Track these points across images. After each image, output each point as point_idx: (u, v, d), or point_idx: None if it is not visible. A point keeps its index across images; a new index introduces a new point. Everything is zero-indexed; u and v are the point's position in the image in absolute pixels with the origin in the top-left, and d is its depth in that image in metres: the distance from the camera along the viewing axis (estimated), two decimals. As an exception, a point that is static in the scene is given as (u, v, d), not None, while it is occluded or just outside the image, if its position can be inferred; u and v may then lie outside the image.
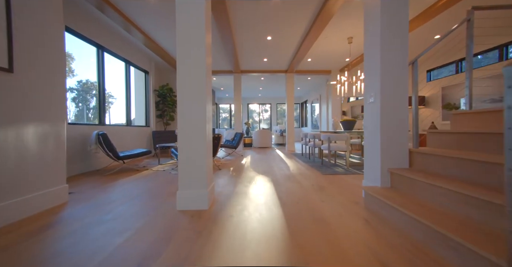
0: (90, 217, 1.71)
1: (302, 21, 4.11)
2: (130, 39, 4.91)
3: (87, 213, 1.81)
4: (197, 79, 1.90)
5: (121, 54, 4.73)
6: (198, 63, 1.89)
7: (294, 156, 5.76)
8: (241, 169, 3.83)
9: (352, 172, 3.44)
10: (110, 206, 1.96)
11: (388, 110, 1.93)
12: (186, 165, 1.89)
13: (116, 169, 3.58)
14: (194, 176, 1.90)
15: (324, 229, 1.48)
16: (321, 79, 8.67)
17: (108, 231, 1.48)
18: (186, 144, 1.89)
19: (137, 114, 5.87)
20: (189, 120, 1.90)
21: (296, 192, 2.37)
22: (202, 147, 1.90)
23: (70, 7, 3.39)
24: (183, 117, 1.90)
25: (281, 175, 3.32)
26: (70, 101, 4.03)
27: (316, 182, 2.85)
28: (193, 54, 1.89)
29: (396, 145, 1.93)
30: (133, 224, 1.59)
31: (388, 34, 1.91)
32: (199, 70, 1.89)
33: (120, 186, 2.68)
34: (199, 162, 1.89)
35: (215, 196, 2.24)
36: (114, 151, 3.45)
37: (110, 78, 4.88)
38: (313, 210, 1.83)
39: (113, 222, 1.62)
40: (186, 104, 1.90)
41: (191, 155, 1.89)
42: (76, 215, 1.76)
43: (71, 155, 3.35)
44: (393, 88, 1.93)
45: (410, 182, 1.74)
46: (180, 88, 1.90)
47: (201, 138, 1.90)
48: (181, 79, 1.89)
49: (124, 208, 1.91)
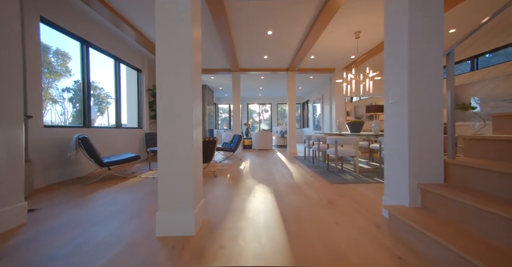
0: (42, 249, 1.35)
1: (305, 14, 3.74)
2: (120, 35, 4.55)
3: (42, 241, 1.44)
4: (181, 79, 1.53)
5: (110, 50, 4.37)
6: (182, 61, 1.52)
7: (296, 159, 5.38)
8: (239, 176, 3.46)
9: (363, 180, 3.07)
10: (75, 231, 1.59)
11: (419, 112, 1.56)
12: (167, 180, 1.53)
13: (100, 177, 3.21)
14: (178, 194, 1.53)
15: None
16: (324, 78, 8.29)
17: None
18: (167, 154, 1.52)
19: (129, 115, 5.50)
20: (171, 126, 1.53)
21: (303, 209, 2.00)
22: (188, 157, 1.53)
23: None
24: (164, 121, 1.53)
25: (284, 184, 2.95)
26: (68, 101, 3.81)
27: (324, 194, 2.48)
28: (176, 50, 1.52)
29: (429, 155, 1.56)
30: (94, 261, 1.22)
31: (419, 14, 1.54)
32: (184, 69, 1.53)
33: (98, 199, 2.31)
34: (185, 176, 1.53)
35: (206, 215, 1.87)
36: (96, 157, 3.08)
37: (98, 77, 4.55)
38: (326, 237, 1.46)
39: (69, 258, 1.25)
40: (167, 107, 1.53)
41: (174, 167, 1.53)
42: (24, 246, 1.39)
43: (48, 161, 2.98)
44: (426, 84, 1.56)
45: (448, 202, 1.38)
46: (160, 88, 1.53)
47: (187, 146, 1.53)
48: (161, 78, 1.53)
49: (91, 233, 1.54)
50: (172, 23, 1.52)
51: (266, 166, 4.39)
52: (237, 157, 5.94)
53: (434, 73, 1.56)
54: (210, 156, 3.50)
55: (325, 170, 3.87)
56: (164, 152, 1.53)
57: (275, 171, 3.87)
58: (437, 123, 1.56)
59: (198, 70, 1.71)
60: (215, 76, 8.06)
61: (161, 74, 1.53)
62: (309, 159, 5.29)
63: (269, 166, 4.39)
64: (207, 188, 2.76)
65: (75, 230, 1.60)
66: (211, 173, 3.72)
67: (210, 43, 4.94)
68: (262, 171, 3.91)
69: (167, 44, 1.53)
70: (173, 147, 1.53)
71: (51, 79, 3.62)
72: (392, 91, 1.73)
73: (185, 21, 1.52)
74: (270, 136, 8.02)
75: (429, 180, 1.56)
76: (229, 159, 5.57)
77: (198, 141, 1.71)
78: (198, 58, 1.70)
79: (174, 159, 1.53)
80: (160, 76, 1.53)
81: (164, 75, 1.53)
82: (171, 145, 1.53)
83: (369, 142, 4.80)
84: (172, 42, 1.53)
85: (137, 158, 3.51)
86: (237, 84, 7.02)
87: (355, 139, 3.43)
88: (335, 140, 3.51)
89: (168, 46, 1.53)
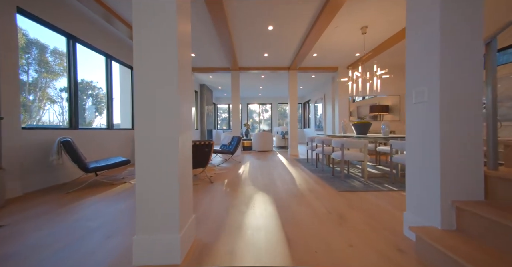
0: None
1: (309, 8, 3.47)
2: (112, 31, 4.28)
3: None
4: (164, 76, 1.26)
5: (100, 47, 4.10)
6: (166, 57, 1.26)
7: (298, 162, 5.11)
8: (237, 182, 3.19)
9: (373, 188, 2.80)
10: (36, 257, 1.32)
11: (453, 113, 1.29)
12: (146, 196, 1.26)
13: (85, 183, 2.94)
14: (160, 214, 1.26)
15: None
16: (326, 77, 8.02)
17: None
18: (146, 164, 1.25)
19: (122, 116, 5.23)
20: (150, 129, 1.26)
21: (309, 225, 1.73)
22: (172, 167, 1.26)
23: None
24: (142, 124, 1.26)
25: (286, 192, 2.68)
26: (65, 101, 3.66)
27: (332, 204, 2.20)
28: (156, 46, 1.25)
29: (466, 165, 1.29)
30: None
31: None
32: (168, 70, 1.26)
33: (78, 211, 2.04)
34: (168, 191, 1.26)
35: (197, 233, 1.60)
36: (81, 162, 2.81)
37: (98, 76, 4.31)
38: (340, 266, 1.19)
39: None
40: (146, 107, 1.26)
41: (155, 181, 1.26)
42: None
43: (27, 167, 2.72)
44: (462, 81, 1.29)
45: (491, 225, 1.11)
46: (138, 87, 1.26)
47: (171, 154, 1.26)
48: (140, 77, 1.26)
49: (55, 261, 1.27)
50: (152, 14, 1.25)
51: (266, 170, 4.12)
52: (236, 159, 5.67)
53: (472, 67, 1.29)
54: (206, 161, 3.23)
55: (330, 175, 3.60)
56: (142, 161, 1.25)
57: (276, 176, 3.60)
58: (476, 126, 1.29)
59: (184, 68, 1.44)
60: (214, 75, 7.80)
61: (139, 71, 1.26)
62: (312, 161, 5.02)
63: (269, 170, 4.12)
64: (201, 196, 2.49)
65: (38, 256, 1.32)
66: (207, 178, 3.45)
67: (207, 39, 4.67)
68: (262, 175, 3.64)
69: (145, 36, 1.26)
70: (153, 155, 1.25)
71: (49, 79, 3.51)
72: (416, 90, 1.46)
73: (169, 12, 1.25)
74: (270, 137, 7.75)
75: (466, 197, 1.29)
76: (227, 161, 5.30)
77: (186, 147, 1.44)
78: (186, 54, 1.43)
79: (154, 170, 1.26)
80: (138, 73, 1.26)
81: (142, 72, 1.26)
82: (151, 152, 1.25)
83: (376, 144, 4.53)
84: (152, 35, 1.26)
85: (128, 162, 3.24)
86: (236, 84, 6.75)
87: (363, 142, 3.16)
88: (341, 142, 3.24)
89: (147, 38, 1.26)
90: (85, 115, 4.40)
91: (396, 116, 6.95)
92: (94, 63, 4.28)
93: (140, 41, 1.25)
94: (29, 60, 3.28)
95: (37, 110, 3.52)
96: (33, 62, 3.34)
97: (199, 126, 8.85)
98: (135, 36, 1.26)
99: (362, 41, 4.54)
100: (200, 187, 2.93)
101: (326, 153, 4.02)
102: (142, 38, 1.25)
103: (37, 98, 3.48)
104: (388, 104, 7.04)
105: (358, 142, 3.16)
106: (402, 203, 2.23)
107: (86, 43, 3.76)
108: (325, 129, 8.72)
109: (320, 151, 4.17)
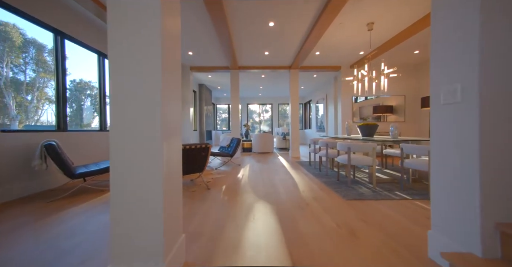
0: None
1: (312, 3, 3.24)
2: (104, 28, 4.06)
3: None
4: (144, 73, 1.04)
5: (92, 44, 3.87)
6: (145, 49, 1.03)
7: (301, 165, 4.88)
8: (236, 189, 2.96)
9: (383, 195, 2.57)
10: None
11: (498, 117, 1.06)
12: (121, 216, 1.03)
13: (72, 190, 2.71)
14: (139, 239, 1.03)
15: None
16: (328, 76, 7.80)
17: None
18: (121, 178, 1.03)
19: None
20: (128, 136, 1.04)
21: (317, 243, 1.50)
22: (155, 181, 1.03)
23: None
24: (117, 130, 1.04)
25: (289, 201, 2.46)
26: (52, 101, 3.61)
27: (341, 217, 1.98)
28: (135, 45, 1.03)
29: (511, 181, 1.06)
30: None
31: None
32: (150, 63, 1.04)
33: (56, 226, 1.82)
34: (150, 210, 1.03)
35: (188, 255, 1.37)
36: (67, 167, 2.59)
37: (88, 74, 4.11)
38: (362, 307, 0.97)
39: None
40: (122, 109, 1.04)
41: (132, 198, 1.03)
42: None
43: (6, 173, 2.49)
44: (509, 76, 1.07)
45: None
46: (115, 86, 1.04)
47: (152, 165, 1.03)
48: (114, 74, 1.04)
49: (13, 296, 1.05)
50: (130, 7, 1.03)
51: (267, 174, 3.90)
52: (235, 162, 5.44)
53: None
54: (202, 165, 3.01)
55: (335, 180, 3.37)
56: (118, 171, 1.03)
57: (277, 181, 3.37)
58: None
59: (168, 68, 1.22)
60: (213, 75, 7.57)
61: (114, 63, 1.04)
62: (314, 165, 4.80)
63: (270, 175, 3.89)
64: (197, 205, 2.27)
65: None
66: (204, 184, 3.22)
67: (205, 36, 4.45)
68: (262, 181, 3.42)
69: (121, 17, 1.03)
70: (130, 165, 1.03)
71: (47, 78, 3.44)
72: (445, 88, 1.24)
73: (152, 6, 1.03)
74: (271, 138, 7.53)
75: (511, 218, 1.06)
76: (226, 164, 5.07)
77: (173, 154, 1.21)
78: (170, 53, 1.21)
79: (132, 183, 1.03)
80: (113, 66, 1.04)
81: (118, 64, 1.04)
82: (127, 163, 1.03)
83: (382, 146, 4.31)
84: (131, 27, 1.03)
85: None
86: (235, 83, 6.52)
87: (371, 145, 2.93)
88: (347, 146, 3.01)
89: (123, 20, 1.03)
90: (83, 116, 4.26)
91: (400, 117, 6.72)
92: (93, 62, 4.12)
93: (114, 22, 1.03)
94: (27, 59, 3.24)
95: (35, 110, 3.48)
96: (30, 61, 3.28)
97: (197, 127, 8.62)
98: (108, 15, 1.04)
99: (367, 38, 4.32)
100: (196, 194, 2.71)
101: (330, 156, 3.79)
102: (117, 19, 1.03)
103: (34, 98, 3.43)
104: (392, 105, 6.82)
105: (366, 146, 2.94)
106: (418, 214, 2.01)
107: (75, 39, 3.54)
108: (327, 131, 8.49)
109: (323, 154, 3.94)
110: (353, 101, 6.76)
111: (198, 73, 7.30)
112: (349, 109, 6.52)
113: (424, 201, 2.39)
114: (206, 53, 5.40)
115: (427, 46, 4.88)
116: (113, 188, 1.03)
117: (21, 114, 3.18)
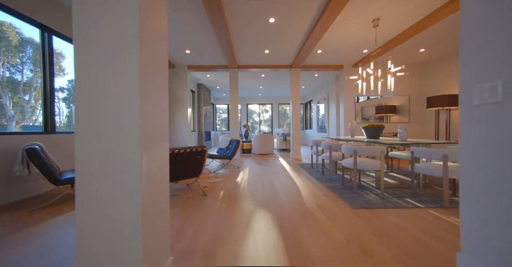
0: None
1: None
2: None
3: None
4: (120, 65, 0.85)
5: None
6: (121, 51, 0.84)
7: (302, 168, 4.69)
8: (234, 195, 2.77)
9: (392, 203, 2.38)
10: None
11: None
12: (88, 239, 0.84)
13: (57, 197, 2.52)
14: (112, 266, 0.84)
15: None
16: (330, 76, 7.62)
17: None
18: (90, 190, 0.84)
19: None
20: (97, 143, 0.84)
21: (325, 263, 1.31)
22: (131, 197, 0.84)
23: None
24: (84, 138, 0.85)
25: (292, 209, 2.26)
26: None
27: (349, 229, 1.78)
28: (108, 31, 0.84)
29: None
30: None
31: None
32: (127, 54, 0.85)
33: (33, 240, 1.62)
34: (124, 235, 0.84)
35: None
36: (50, 173, 2.40)
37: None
38: None
39: None
40: (92, 109, 0.85)
41: (103, 215, 0.84)
42: None
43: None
44: None
45: None
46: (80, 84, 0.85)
47: (129, 179, 0.84)
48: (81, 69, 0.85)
49: None
50: None
51: (267, 178, 3.70)
52: (234, 164, 5.25)
53: None
54: (199, 170, 2.82)
55: (340, 185, 3.18)
56: (82, 187, 0.84)
57: (278, 186, 3.18)
58: None
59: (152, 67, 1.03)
60: (212, 74, 7.38)
61: (81, 56, 0.85)
62: (316, 167, 4.60)
63: (271, 178, 3.70)
64: (191, 214, 2.07)
65: None
66: (200, 189, 3.03)
67: (202, 33, 4.25)
68: (263, 185, 3.22)
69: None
70: (98, 177, 0.84)
71: None
72: (479, 87, 1.05)
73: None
74: (271, 139, 7.34)
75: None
76: (225, 167, 4.88)
77: (156, 164, 1.02)
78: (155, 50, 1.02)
79: (101, 201, 0.84)
80: (79, 60, 0.85)
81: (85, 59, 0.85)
82: (95, 175, 0.84)
83: (387, 148, 4.11)
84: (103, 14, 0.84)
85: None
86: (235, 83, 6.33)
87: (379, 148, 2.74)
88: (353, 149, 2.82)
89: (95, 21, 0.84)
90: None
91: (404, 117, 6.53)
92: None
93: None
94: (23, 59, 3.23)
95: (32, 110, 3.47)
96: (27, 61, 3.24)
97: (196, 128, 8.43)
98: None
99: (372, 35, 4.12)
100: (191, 201, 2.52)
101: (334, 159, 3.60)
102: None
103: (32, 98, 3.42)
104: (395, 105, 6.62)
105: (374, 149, 2.75)
106: (436, 227, 1.82)
107: (65, 36, 3.34)
108: (329, 132, 8.30)
109: (327, 156, 3.75)
110: (356, 101, 6.57)
111: (196, 73, 7.11)
112: (352, 109, 6.33)
113: (438, 210, 2.20)
114: (204, 51, 5.21)
115: (434, 44, 4.68)
116: (78, 206, 0.84)
117: (17, 115, 3.12)
